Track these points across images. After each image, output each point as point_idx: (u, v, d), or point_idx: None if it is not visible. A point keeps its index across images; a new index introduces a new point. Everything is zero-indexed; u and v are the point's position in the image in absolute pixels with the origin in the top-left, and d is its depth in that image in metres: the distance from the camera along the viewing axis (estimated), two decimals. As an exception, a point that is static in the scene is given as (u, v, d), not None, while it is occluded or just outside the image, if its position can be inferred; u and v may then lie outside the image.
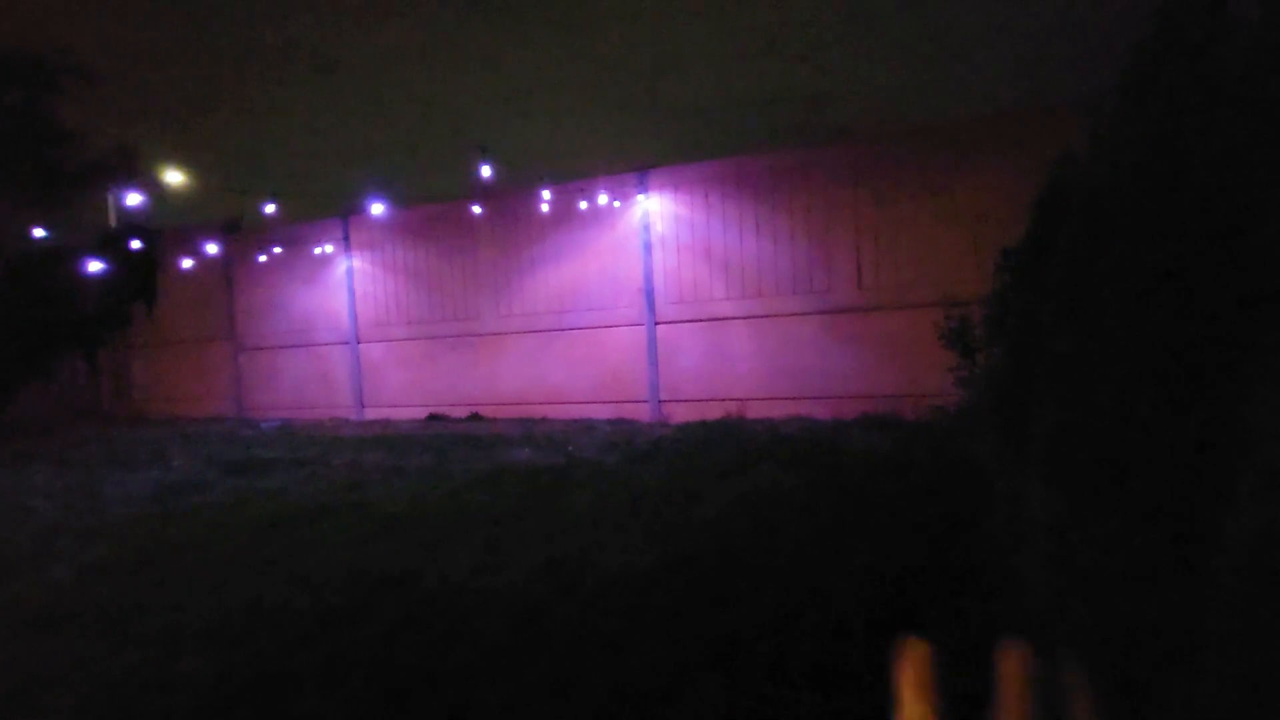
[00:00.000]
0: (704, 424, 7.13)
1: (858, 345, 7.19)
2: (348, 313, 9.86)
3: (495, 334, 9.00)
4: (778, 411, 7.41)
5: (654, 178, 8.03)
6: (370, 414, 9.74)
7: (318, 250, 9.90)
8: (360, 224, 9.70)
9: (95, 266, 8.57)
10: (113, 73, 6.28)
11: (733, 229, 7.70)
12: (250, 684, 2.25)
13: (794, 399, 7.44)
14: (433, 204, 9.15)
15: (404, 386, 9.57)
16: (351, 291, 9.83)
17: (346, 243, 9.79)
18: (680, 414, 7.87)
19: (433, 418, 9.16)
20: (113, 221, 8.88)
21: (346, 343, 9.89)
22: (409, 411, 9.44)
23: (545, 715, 2.01)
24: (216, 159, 7.01)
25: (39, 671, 2.44)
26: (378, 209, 7.83)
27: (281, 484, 5.32)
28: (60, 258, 8.79)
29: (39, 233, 7.51)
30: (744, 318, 7.67)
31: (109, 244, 8.81)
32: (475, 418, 8.92)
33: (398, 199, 8.40)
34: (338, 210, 9.51)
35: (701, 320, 7.87)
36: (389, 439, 7.46)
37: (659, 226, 8.03)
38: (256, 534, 3.95)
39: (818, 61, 5.22)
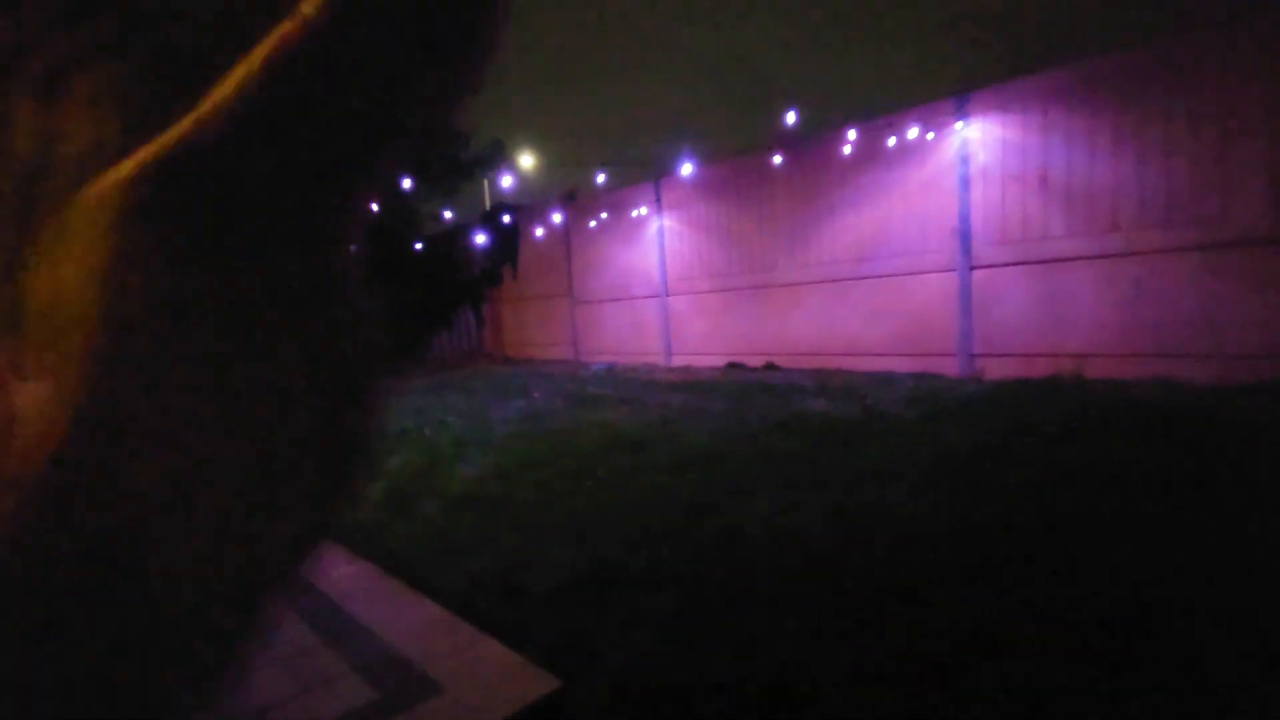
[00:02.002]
0: (1026, 382, 6.26)
1: (1264, 287, 5.50)
2: (658, 269, 10.88)
3: (791, 284, 9.06)
4: (1130, 371, 6.13)
5: (975, 101, 7.08)
6: (676, 361, 10.71)
7: (634, 213, 11.07)
8: (669, 185, 10.51)
9: (480, 239, 10.95)
10: (487, 80, 7.80)
11: (1080, 150, 6.42)
12: (590, 574, 2.83)
13: (1154, 356, 6.06)
14: (734, 158, 9.45)
15: (705, 336, 10.28)
16: (661, 249, 10.79)
17: (658, 204, 10.73)
18: (997, 369, 7.02)
19: (731, 365, 9.70)
20: (488, 202, 11.17)
21: (657, 296, 10.96)
22: (709, 359, 10.14)
23: (838, 654, 2.14)
24: (559, 139, 8.30)
25: (454, 538, 3.41)
26: (686, 169, 8.39)
27: (610, 417, 6.28)
28: (457, 232, 11.42)
29: (447, 214, 9.85)
30: (1090, 257, 6.43)
31: (487, 219, 11.16)
32: (770, 367, 9.19)
33: (703, 157, 8.89)
34: (651, 174, 10.47)
35: (1030, 262, 6.82)
36: (693, 384, 8.16)
37: (980, 157, 7.09)
38: (593, 455, 4.78)
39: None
